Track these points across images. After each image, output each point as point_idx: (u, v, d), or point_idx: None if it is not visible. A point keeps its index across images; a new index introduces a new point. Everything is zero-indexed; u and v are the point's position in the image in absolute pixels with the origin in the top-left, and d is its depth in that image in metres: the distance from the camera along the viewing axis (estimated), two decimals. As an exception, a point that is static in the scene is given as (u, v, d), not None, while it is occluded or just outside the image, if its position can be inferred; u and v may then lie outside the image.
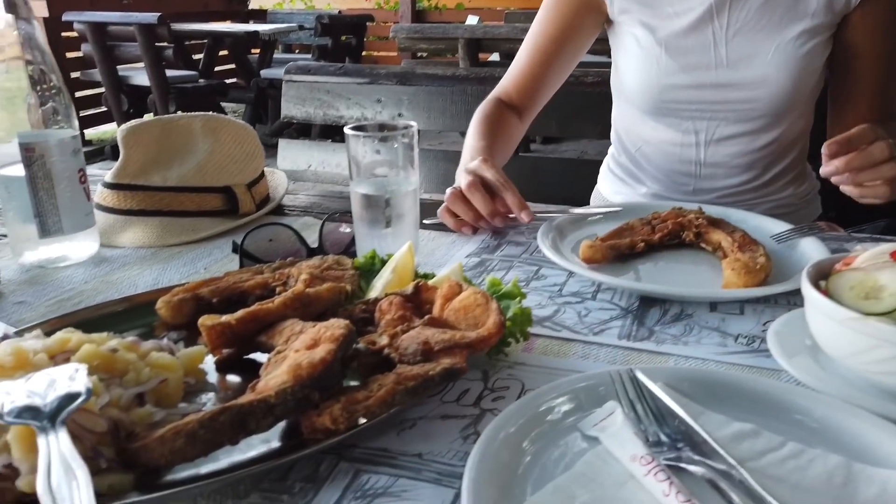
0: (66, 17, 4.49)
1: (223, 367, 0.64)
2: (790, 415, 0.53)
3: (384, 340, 0.59)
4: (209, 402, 0.59)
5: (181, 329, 0.69)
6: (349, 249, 0.87)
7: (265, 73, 4.99)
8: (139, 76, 4.59)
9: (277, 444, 0.52)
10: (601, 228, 0.91)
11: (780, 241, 0.87)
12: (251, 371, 0.63)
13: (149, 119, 1.01)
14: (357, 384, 0.54)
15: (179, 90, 4.53)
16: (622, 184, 1.31)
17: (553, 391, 0.54)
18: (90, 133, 5.35)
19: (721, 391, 0.56)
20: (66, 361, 0.54)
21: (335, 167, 2.00)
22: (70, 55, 4.91)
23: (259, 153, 1.09)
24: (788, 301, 0.75)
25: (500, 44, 3.96)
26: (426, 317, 0.62)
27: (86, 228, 0.89)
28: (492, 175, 0.95)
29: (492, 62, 4.44)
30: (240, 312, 0.63)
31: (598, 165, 1.41)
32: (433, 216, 0.99)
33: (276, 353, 0.57)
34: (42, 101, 0.85)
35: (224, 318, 0.62)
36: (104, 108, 4.91)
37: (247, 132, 1.08)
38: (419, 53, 5.44)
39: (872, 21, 1.03)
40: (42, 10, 4.60)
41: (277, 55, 5.62)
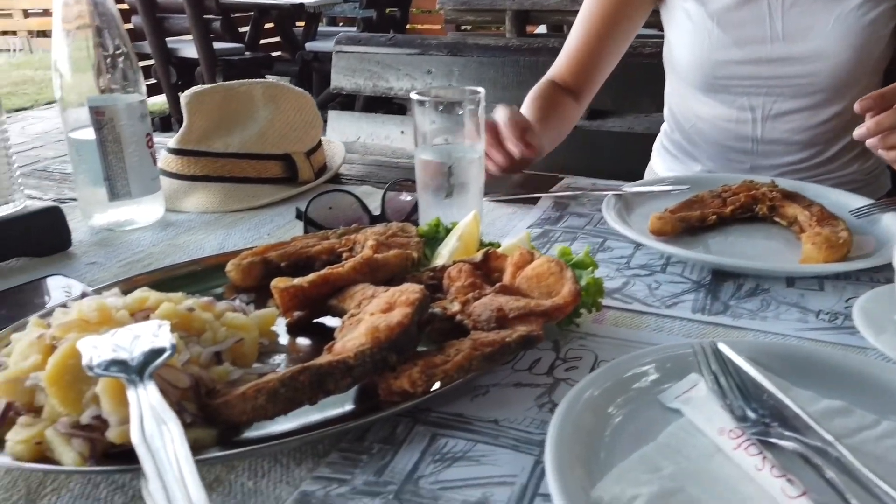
0: (118, -10, 4.55)
1: (293, 330, 0.64)
2: (880, 393, 0.51)
3: (455, 307, 0.59)
4: (282, 364, 0.59)
5: (250, 292, 0.69)
6: (411, 217, 0.87)
7: (310, 46, 4.99)
8: (187, 48, 4.64)
9: (351, 407, 0.53)
10: (664, 202, 0.88)
11: (860, 216, 0.83)
12: (321, 334, 0.64)
13: (212, 85, 1.02)
14: (431, 349, 0.54)
15: (226, 62, 4.57)
16: (676, 161, 1.27)
17: (632, 362, 0.53)
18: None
19: (807, 367, 0.54)
20: (146, 319, 0.55)
21: (384, 139, 1.99)
22: (121, 28, 4.98)
23: (317, 121, 1.09)
24: (871, 278, 0.72)
25: (549, 15, 3.88)
26: (497, 284, 0.61)
27: (152, 193, 0.90)
28: (501, 115, 0.93)
29: (539, 34, 4.35)
30: (311, 276, 0.63)
31: (650, 140, 1.37)
32: (498, 192, 0.98)
33: (350, 317, 0.57)
34: (111, 67, 0.86)
35: (296, 281, 0.63)
36: (153, 80, 4.99)
37: (305, 100, 1.08)
38: (464, 26, 5.36)
39: None
40: (94, -17, 4.67)
41: (322, 28, 5.61)
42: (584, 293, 0.61)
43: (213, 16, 4.53)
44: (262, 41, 5.31)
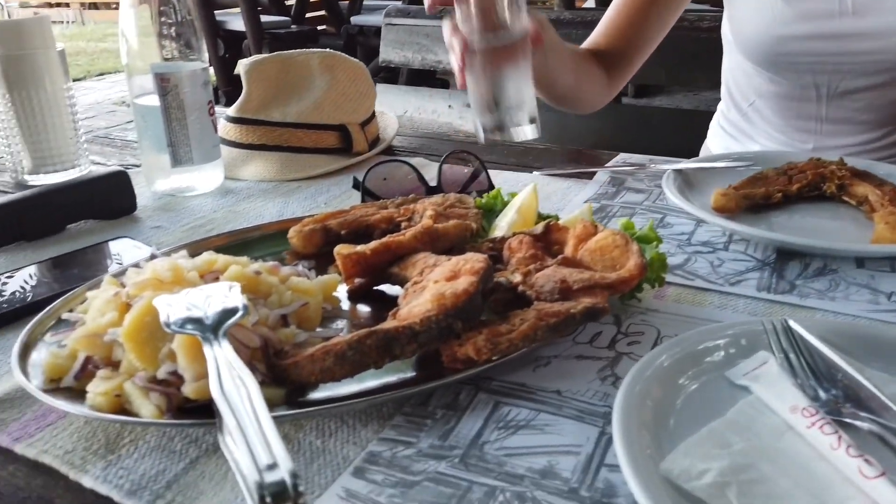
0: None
1: (353, 297, 0.65)
2: (960, 378, 0.49)
3: (517, 278, 0.58)
4: (344, 328, 0.60)
5: (310, 258, 0.70)
6: (467, 189, 0.87)
7: (355, 20, 4.99)
8: (235, 21, 4.69)
9: (411, 374, 0.53)
10: (726, 180, 0.86)
11: (935, 198, 0.79)
12: (380, 301, 0.64)
13: (271, 54, 1.03)
14: (494, 319, 0.54)
15: (272, 35, 4.60)
16: (732, 141, 1.23)
17: (705, 335, 0.52)
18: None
19: (879, 348, 0.52)
20: (215, 281, 0.56)
21: (431, 113, 1.99)
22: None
23: (371, 92, 1.09)
24: (946, 261, 0.69)
25: (598, -10, 3.80)
26: (560, 256, 0.61)
27: (213, 160, 0.92)
28: None
29: (587, 8, 4.26)
30: (373, 243, 0.64)
31: (699, 117, 1.33)
32: (551, 166, 0.97)
33: (414, 284, 0.57)
34: (175, 35, 0.87)
35: (359, 248, 0.63)
36: (201, 53, 5.06)
37: (360, 70, 1.08)
38: None
39: None
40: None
41: (367, 2, 5.59)
42: (649, 268, 0.60)
43: (261, -11, 4.56)
44: (308, 14, 5.33)
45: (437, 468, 0.44)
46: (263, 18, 4.62)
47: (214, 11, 4.76)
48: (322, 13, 5.59)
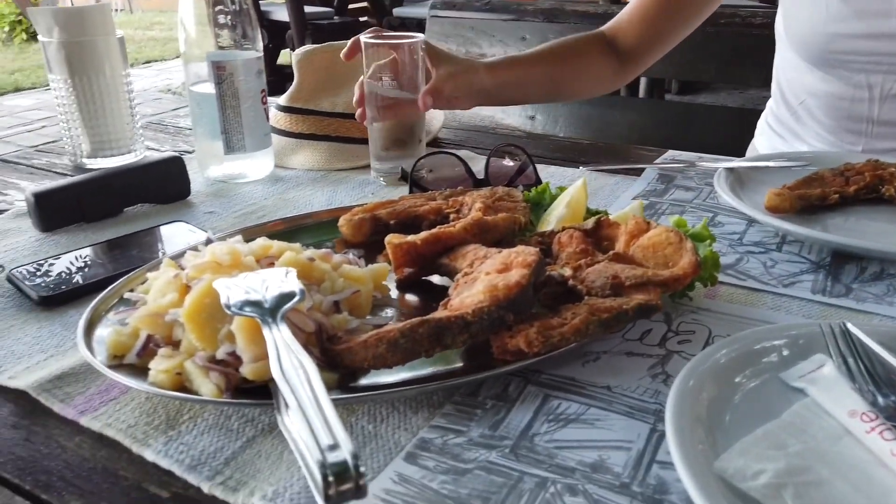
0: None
1: (402, 286, 0.66)
2: None
3: (568, 272, 0.58)
4: (393, 317, 0.61)
5: (359, 247, 0.71)
6: (514, 182, 0.87)
7: (397, 12, 5.00)
8: (279, 11, 4.73)
9: (460, 364, 0.53)
10: (779, 179, 0.84)
11: None
12: (429, 292, 0.65)
13: (322, 45, 1.04)
14: (545, 312, 0.54)
15: (315, 26, 4.64)
16: (780, 140, 1.20)
17: (763, 334, 0.52)
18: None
19: (942, 356, 0.51)
20: (270, 266, 0.57)
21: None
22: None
23: (419, 84, 1.10)
24: None
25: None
26: (611, 252, 0.61)
27: (264, 148, 0.94)
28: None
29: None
30: (424, 234, 0.65)
31: (745, 115, 1.30)
32: (597, 162, 0.96)
33: (465, 275, 0.57)
34: (231, 24, 0.89)
35: (409, 238, 0.64)
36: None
37: (409, 62, 1.09)
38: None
39: None
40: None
41: (410, -6, 5.60)
42: (702, 266, 0.60)
43: (306, -20, 4.59)
44: (351, 6, 5.35)
45: (489, 457, 0.45)
46: (307, 9, 4.66)
47: (259, 2, 4.82)
48: (364, 5, 5.61)
